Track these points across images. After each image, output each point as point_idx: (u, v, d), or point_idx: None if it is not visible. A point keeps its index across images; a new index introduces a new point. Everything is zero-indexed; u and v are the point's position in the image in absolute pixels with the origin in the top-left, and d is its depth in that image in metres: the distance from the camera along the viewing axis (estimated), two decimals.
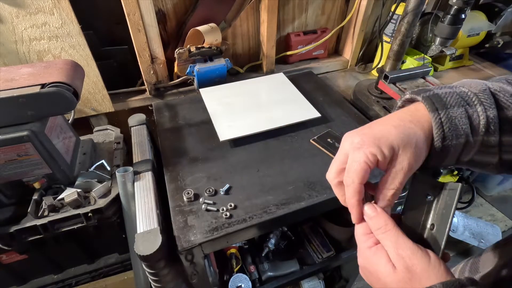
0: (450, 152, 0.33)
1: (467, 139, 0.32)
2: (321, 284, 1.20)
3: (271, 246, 1.01)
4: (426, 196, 0.35)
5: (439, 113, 0.32)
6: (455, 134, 0.32)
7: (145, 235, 0.57)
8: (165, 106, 0.98)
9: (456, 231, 1.54)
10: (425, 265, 0.29)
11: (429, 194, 0.34)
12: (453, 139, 0.32)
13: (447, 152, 0.33)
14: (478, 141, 0.33)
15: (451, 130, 0.32)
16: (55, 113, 0.65)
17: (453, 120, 0.32)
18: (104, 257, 0.90)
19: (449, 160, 0.34)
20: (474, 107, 0.33)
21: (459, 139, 0.32)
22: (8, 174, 0.65)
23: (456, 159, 0.35)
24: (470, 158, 0.35)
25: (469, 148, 0.33)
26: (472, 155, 0.34)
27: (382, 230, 0.32)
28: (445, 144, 0.32)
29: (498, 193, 1.89)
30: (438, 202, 0.34)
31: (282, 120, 0.85)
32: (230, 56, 1.18)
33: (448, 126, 0.32)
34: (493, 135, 0.32)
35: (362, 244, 0.34)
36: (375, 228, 0.33)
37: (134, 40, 0.92)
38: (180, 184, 0.70)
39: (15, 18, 0.76)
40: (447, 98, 0.33)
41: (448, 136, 0.32)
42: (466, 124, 0.32)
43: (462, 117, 0.32)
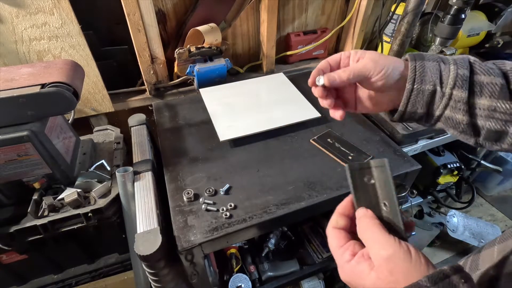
0: (419, 95, 0.38)
1: (434, 88, 0.38)
2: (321, 284, 1.20)
3: (271, 246, 1.01)
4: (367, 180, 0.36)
5: (416, 62, 0.39)
6: (424, 79, 0.38)
7: (145, 235, 0.57)
8: (165, 106, 0.98)
9: (456, 231, 1.54)
10: (408, 263, 0.29)
11: (365, 177, 0.36)
12: (422, 83, 0.38)
13: (415, 96, 0.39)
14: (446, 93, 0.37)
15: (421, 75, 0.38)
16: (55, 113, 0.65)
17: (426, 68, 0.38)
18: (104, 257, 0.90)
19: (419, 107, 0.39)
20: (448, 65, 0.38)
21: (427, 85, 0.38)
22: (8, 174, 0.65)
23: (426, 108, 0.39)
24: (440, 113, 0.39)
25: (437, 98, 0.38)
26: (442, 108, 0.38)
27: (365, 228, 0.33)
28: (415, 87, 0.38)
29: (498, 193, 1.89)
30: (377, 181, 0.35)
31: (282, 120, 0.85)
32: (230, 56, 1.18)
33: (420, 72, 0.38)
34: (461, 90, 0.36)
35: (340, 259, 0.33)
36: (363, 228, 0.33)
37: (134, 40, 0.92)
38: (180, 184, 0.70)
39: (15, 18, 0.76)
40: (427, 56, 0.40)
41: (418, 80, 0.38)
42: (436, 74, 0.38)
43: (434, 68, 0.38)
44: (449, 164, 1.27)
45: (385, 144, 0.82)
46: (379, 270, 0.30)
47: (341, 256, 0.33)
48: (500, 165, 1.45)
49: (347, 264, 0.32)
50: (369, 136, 0.84)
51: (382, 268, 0.29)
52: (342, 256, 0.33)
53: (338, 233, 0.36)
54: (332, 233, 0.36)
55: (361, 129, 0.87)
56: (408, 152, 0.91)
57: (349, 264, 0.32)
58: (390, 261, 0.29)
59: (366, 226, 0.33)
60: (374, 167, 0.35)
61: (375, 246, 0.31)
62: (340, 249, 0.34)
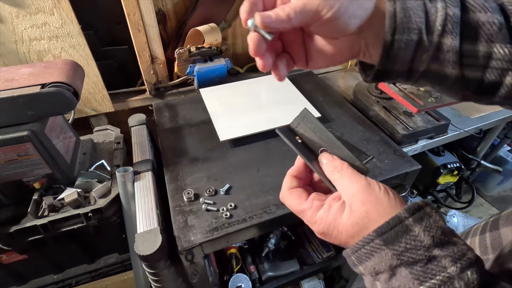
0: (400, 50, 0.29)
1: (420, 37, 0.29)
2: (321, 284, 1.20)
3: (271, 246, 1.01)
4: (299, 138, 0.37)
5: (395, 2, 0.29)
6: (407, 27, 0.28)
7: (145, 235, 0.57)
8: (165, 106, 0.98)
9: (456, 231, 1.54)
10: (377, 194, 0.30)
11: (295, 138, 0.36)
12: (405, 32, 0.29)
13: (396, 50, 0.29)
14: (434, 43, 0.29)
15: (403, 22, 0.28)
16: (55, 113, 0.65)
17: (408, 11, 0.28)
18: (104, 257, 0.90)
19: (401, 65, 0.31)
20: (435, 2, 0.29)
21: (411, 34, 0.29)
22: (8, 174, 0.65)
23: (409, 64, 0.31)
24: (425, 68, 0.31)
25: (422, 50, 0.29)
26: (428, 62, 0.30)
27: (338, 168, 0.33)
28: (396, 38, 0.29)
29: (498, 193, 1.89)
30: (307, 135, 0.36)
31: (282, 120, 0.85)
32: (230, 56, 1.18)
33: (401, 17, 0.28)
34: (451, 36, 0.29)
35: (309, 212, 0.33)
36: (331, 169, 0.33)
37: (134, 40, 0.92)
38: (180, 184, 0.70)
39: (15, 18, 0.76)
40: None
41: (400, 28, 0.28)
42: (422, 18, 0.29)
43: (418, 10, 0.29)
44: (449, 164, 1.27)
45: (385, 144, 0.82)
46: (352, 203, 0.30)
47: (310, 208, 0.33)
48: (500, 165, 1.45)
49: (320, 212, 0.32)
50: (369, 136, 0.84)
51: (354, 200, 0.30)
52: (312, 207, 0.33)
53: (295, 191, 0.36)
54: (289, 196, 0.36)
55: (361, 129, 0.87)
56: (408, 152, 0.91)
57: (322, 210, 0.32)
58: (361, 193, 0.30)
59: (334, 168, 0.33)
60: (297, 124, 0.36)
61: (347, 182, 0.31)
62: (307, 203, 0.34)
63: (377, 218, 0.28)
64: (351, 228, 0.30)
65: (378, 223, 0.28)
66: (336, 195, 0.33)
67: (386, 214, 0.28)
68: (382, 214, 0.28)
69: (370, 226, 0.28)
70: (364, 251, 0.28)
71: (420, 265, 0.25)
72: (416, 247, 0.26)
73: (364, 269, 0.29)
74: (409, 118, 0.93)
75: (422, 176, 1.03)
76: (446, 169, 1.27)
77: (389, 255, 0.27)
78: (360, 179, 0.31)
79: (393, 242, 0.27)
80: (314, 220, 0.33)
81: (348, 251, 0.30)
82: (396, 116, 0.94)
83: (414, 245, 0.26)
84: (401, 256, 0.26)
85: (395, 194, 0.30)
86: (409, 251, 0.26)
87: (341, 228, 0.30)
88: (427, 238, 0.26)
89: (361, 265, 0.29)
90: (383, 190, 0.30)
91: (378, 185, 0.31)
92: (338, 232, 0.31)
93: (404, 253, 0.26)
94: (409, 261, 0.26)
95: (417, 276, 0.25)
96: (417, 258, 0.25)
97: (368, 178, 0.32)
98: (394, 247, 0.26)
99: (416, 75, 0.32)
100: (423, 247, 0.25)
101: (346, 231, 0.30)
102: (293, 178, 0.38)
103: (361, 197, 0.30)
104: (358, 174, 0.32)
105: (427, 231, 0.26)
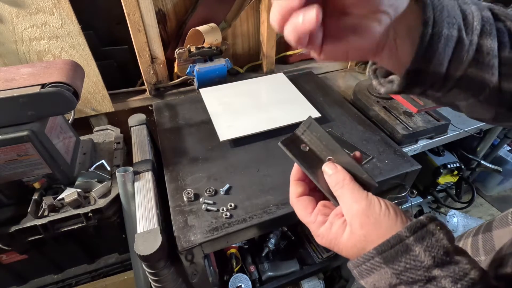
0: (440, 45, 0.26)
1: (460, 34, 0.26)
2: (321, 284, 1.20)
3: (271, 246, 1.01)
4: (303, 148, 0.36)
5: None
6: (447, 21, 0.26)
7: (145, 235, 0.57)
8: (165, 106, 0.98)
9: (456, 231, 1.54)
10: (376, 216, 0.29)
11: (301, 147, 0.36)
12: (445, 26, 0.26)
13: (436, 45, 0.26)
14: (474, 43, 0.27)
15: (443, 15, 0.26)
16: (55, 113, 0.65)
17: (446, 6, 0.26)
18: (104, 257, 0.90)
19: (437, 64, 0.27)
20: (468, 5, 0.28)
21: (451, 29, 0.26)
22: (8, 174, 0.65)
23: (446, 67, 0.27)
24: (462, 73, 0.28)
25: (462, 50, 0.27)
26: (466, 65, 0.27)
27: (340, 184, 0.32)
28: (435, 31, 0.25)
29: (498, 193, 1.89)
30: (313, 143, 0.36)
31: (282, 120, 0.85)
32: (230, 56, 1.18)
33: (440, 10, 0.26)
34: (489, 37, 0.27)
35: (313, 225, 0.33)
36: (334, 183, 0.33)
37: (134, 40, 0.92)
38: (180, 184, 0.70)
39: (15, 18, 0.76)
40: None
41: (439, 19, 0.25)
42: (459, 15, 0.27)
43: (455, 8, 0.27)
44: (449, 164, 1.27)
45: (385, 144, 0.82)
46: (352, 224, 0.30)
47: (314, 222, 0.33)
48: (500, 165, 1.45)
49: (322, 228, 0.32)
50: (369, 136, 0.84)
51: (354, 222, 0.30)
52: (316, 221, 0.33)
53: (303, 201, 0.35)
54: (297, 204, 0.36)
55: (361, 129, 0.87)
56: (408, 152, 0.91)
57: (324, 227, 0.32)
58: (361, 214, 0.29)
59: (336, 183, 0.33)
60: (303, 132, 0.36)
61: (348, 201, 0.31)
62: (311, 216, 0.34)
63: (375, 240, 0.28)
64: (351, 248, 0.30)
65: (377, 244, 0.28)
66: (338, 211, 0.33)
67: (385, 236, 0.28)
68: (381, 237, 0.28)
69: (369, 248, 0.28)
70: (364, 267, 0.28)
71: (419, 284, 0.25)
72: (416, 267, 0.25)
73: (366, 284, 0.29)
74: (409, 118, 0.93)
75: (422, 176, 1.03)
76: (446, 169, 1.26)
77: (388, 274, 0.27)
78: (361, 198, 0.30)
79: (393, 261, 0.26)
80: (317, 233, 0.33)
81: (351, 264, 0.30)
82: (396, 116, 0.94)
83: (413, 265, 0.25)
84: (401, 275, 0.26)
85: (398, 211, 0.29)
86: (409, 271, 0.26)
87: (342, 246, 0.31)
88: (427, 258, 0.25)
89: (363, 279, 0.29)
90: (384, 210, 0.29)
91: (379, 204, 0.30)
92: (339, 249, 0.31)
93: (403, 273, 0.26)
94: (409, 280, 0.26)
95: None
96: (416, 278, 0.25)
97: (369, 196, 0.31)
98: (393, 266, 0.26)
99: (451, 82, 0.29)
100: (423, 267, 0.25)
101: (346, 250, 0.31)
102: (297, 183, 0.37)
103: (360, 220, 0.29)
104: (359, 191, 0.31)
105: (428, 251, 0.25)
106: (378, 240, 0.28)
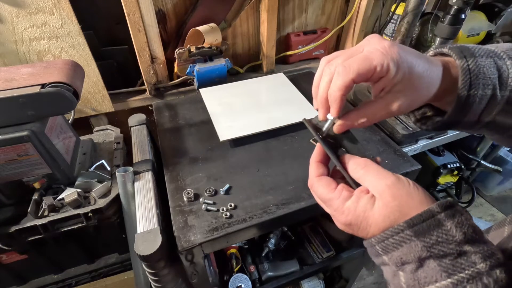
0: (474, 104, 0.31)
1: (493, 92, 0.31)
2: (321, 284, 1.20)
3: (271, 246, 1.01)
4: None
5: (467, 60, 0.31)
6: (483, 83, 0.30)
7: (145, 235, 0.57)
8: (165, 106, 0.98)
9: None
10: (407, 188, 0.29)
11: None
12: (480, 88, 0.31)
13: (471, 104, 0.31)
14: (505, 97, 0.31)
15: (479, 77, 0.30)
16: (55, 113, 0.65)
17: (482, 68, 0.31)
18: (104, 257, 0.90)
19: (471, 116, 0.32)
20: (503, 60, 0.32)
21: (486, 90, 0.31)
22: (8, 174, 0.65)
23: (478, 117, 0.33)
24: (491, 119, 0.33)
25: (494, 104, 0.31)
26: (495, 114, 0.32)
27: (362, 165, 0.32)
28: (470, 93, 0.31)
29: (498, 193, 1.89)
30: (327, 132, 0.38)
31: (282, 120, 0.85)
32: (230, 56, 1.18)
33: (475, 73, 0.31)
34: None
35: (337, 202, 0.32)
36: (354, 166, 0.33)
37: (134, 40, 0.92)
38: (180, 184, 0.70)
39: (15, 18, 0.76)
40: (475, 50, 0.32)
41: (475, 84, 0.30)
42: (495, 74, 0.31)
43: (491, 66, 0.31)
44: (449, 164, 1.27)
45: (385, 144, 0.82)
46: (383, 197, 0.29)
47: (339, 198, 0.32)
48: (500, 165, 1.45)
49: (348, 202, 0.32)
50: (369, 136, 0.84)
51: (385, 195, 0.29)
52: (340, 197, 0.32)
53: (325, 179, 0.35)
54: (318, 182, 0.35)
55: (361, 129, 0.87)
56: (408, 152, 0.91)
57: (350, 201, 0.31)
58: (392, 187, 0.29)
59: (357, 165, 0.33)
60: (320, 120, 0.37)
61: (375, 178, 0.31)
62: (335, 192, 0.33)
63: (408, 212, 0.28)
64: (382, 222, 0.29)
65: (409, 217, 0.28)
66: (363, 188, 0.32)
67: (417, 208, 0.28)
68: (413, 208, 0.28)
69: (401, 220, 0.28)
70: (392, 240, 0.28)
71: (449, 258, 0.25)
72: (448, 241, 0.26)
73: (390, 259, 0.29)
74: (409, 118, 0.93)
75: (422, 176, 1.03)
76: (446, 169, 1.27)
77: (419, 247, 0.26)
78: (388, 174, 0.31)
79: (424, 234, 0.26)
80: (342, 210, 0.32)
81: (373, 240, 0.30)
82: (396, 116, 0.94)
83: (445, 239, 0.26)
84: (432, 248, 0.26)
85: (424, 190, 0.30)
86: (440, 244, 0.26)
87: (371, 220, 0.30)
88: (459, 233, 0.26)
89: (386, 255, 0.29)
90: (413, 185, 0.30)
91: (407, 180, 0.30)
92: (367, 225, 0.30)
93: (434, 246, 0.26)
94: (439, 254, 0.26)
95: (445, 268, 0.25)
96: (447, 251, 0.25)
97: (395, 174, 0.31)
98: (425, 239, 0.26)
99: (480, 125, 0.34)
100: (454, 241, 0.25)
101: (376, 224, 0.30)
102: (319, 164, 0.37)
103: (392, 192, 0.29)
104: (385, 170, 0.31)
105: (459, 227, 0.26)
106: (411, 212, 0.28)
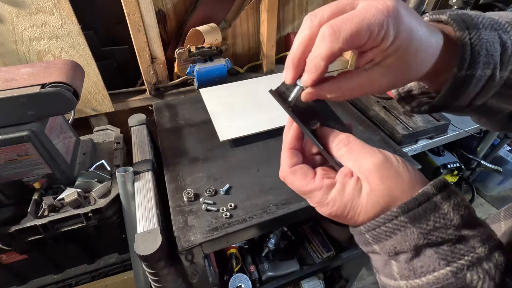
0: (470, 86, 0.27)
1: (493, 72, 0.27)
2: (321, 284, 1.20)
3: (271, 246, 1.01)
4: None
5: (470, 33, 0.26)
6: (484, 61, 0.26)
7: (145, 235, 0.57)
8: (165, 106, 0.98)
9: None
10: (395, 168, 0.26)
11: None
12: (479, 68, 0.26)
13: (466, 86, 0.27)
14: (504, 77, 0.27)
15: (480, 55, 0.26)
16: (55, 113, 0.65)
17: (484, 43, 0.26)
18: (104, 257, 0.90)
19: (463, 99, 0.28)
20: (507, 34, 0.27)
21: (485, 70, 0.26)
22: (8, 174, 0.65)
23: (470, 100, 0.28)
24: (483, 102, 0.29)
25: (491, 86, 0.27)
26: (488, 97, 0.28)
27: (344, 142, 0.28)
28: (468, 73, 0.26)
29: (498, 193, 1.89)
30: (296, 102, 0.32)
31: (282, 120, 0.85)
32: (230, 56, 1.18)
33: (477, 50, 0.26)
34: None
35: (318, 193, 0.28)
36: (336, 143, 0.29)
37: (134, 40, 0.92)
38: (180, 184, 0.70)
39: (15, 18, 0.76)
40: (479, 19, 0.27)
41: (475, 63, 0.26)
42: (498, 51, 0.26)
43: (495, 42, 0.26)
44: (449, 164, 1.27)
45: (385, 144, 0.82)
46: (370, 180, 0.26)
47: (320, 189, 0.28)
48: (500, 165, 1.45)
49: (332, 192, 0.27)
50: (369, 136, 0.84)
51: (372, 177, 0.26)
52: (322, 187, 0.28)
53: (300, 169, 0.31)
54: (293, 174, 0.31)
55: (361, 129, 0.87)
56: (408, 152, 0.91)
57: (335, 189, 0.27)
58: (379, 168, 0.26)
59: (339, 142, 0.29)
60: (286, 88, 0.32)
61: (358, 157, 0.27)
62: (315, 182, 0.29)
63: (400, 196, 0.25)
64: (371, 209, 0.26)
65: (401, 201, 0.25)
66: (346, 171, 0.28)
67: (409, 190, 0.25)
68: (404, 191, 0.25)
69: (393, 205, 0.25)
70: (384, 228, 0.25)
71: (448, 244, 0.23)
72: (446, 226, 0.23)
73: (381, 249, 0.26)
74: (409, 118, 0.93)
75: None
76: (446, 169, 1.27)
77: (415, 234, 0.24)
78: (374, 152, 0.27)
79: (420, 220, 0.24)
80: (325, 201, 0.28)
81: (362, 228, 0.26)
82: (396, 116, 0.94)
83: (443, 224, 0.23)
84: (429, 235, 0.24)
85: (414, 168, 0.27)
86: (438, 230, 0.23)
87: (360, 209, 0.26)
88: (456, 217, 0.23)
89: (378, 244, 0.26)
90: (402, 164, 0.26)
91: (395, 158, 0.27)
92: (355, 214, 0.27)
93: (432, 232, 0.24)
94: (437, 241, 0.24)
95: (444, 256, 0.23)
96: (445, 237, 0.23)
97: (382, 150, 0.27)
98: (421, 225, 0.24)
99: (470, 109, 0.30)
100: (453, 226, 0.23)
101: (365, 212, 0.26)
102: (292, 152, 0.33)
103: (380, 173, 0.26)
104: (369, 147, 0.28)
105: (456, 210, 0.24)
106: (403, 195, 0.25)
